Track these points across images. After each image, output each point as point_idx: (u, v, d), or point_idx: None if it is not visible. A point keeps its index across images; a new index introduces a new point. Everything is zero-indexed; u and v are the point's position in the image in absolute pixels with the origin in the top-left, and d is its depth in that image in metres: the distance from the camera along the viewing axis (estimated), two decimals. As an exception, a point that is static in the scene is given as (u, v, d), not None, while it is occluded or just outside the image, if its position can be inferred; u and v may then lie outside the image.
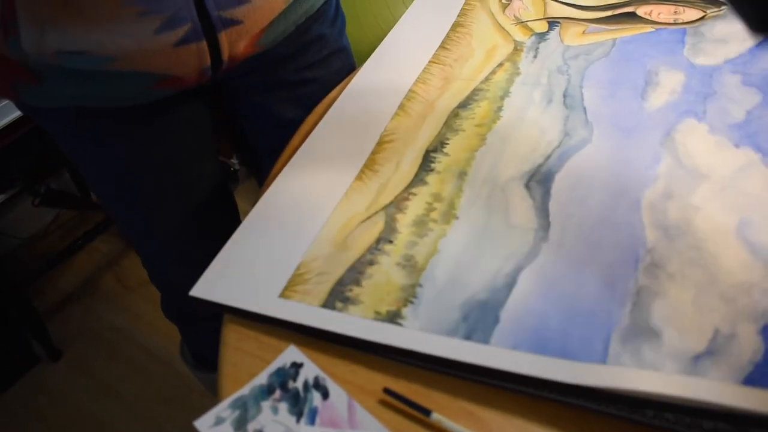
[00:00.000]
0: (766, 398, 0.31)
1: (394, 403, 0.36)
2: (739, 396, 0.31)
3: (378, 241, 0.43)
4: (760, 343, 0.33)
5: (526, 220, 0.42)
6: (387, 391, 0.36)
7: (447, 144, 0.50)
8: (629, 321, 0.36)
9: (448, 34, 0.63)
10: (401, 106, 0.54)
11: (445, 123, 0.52)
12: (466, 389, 0.36)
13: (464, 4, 0.67)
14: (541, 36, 0.60)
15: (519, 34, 0.61)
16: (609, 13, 0.62)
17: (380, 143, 0.51)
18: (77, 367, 1.19)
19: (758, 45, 0.53)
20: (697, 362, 0.33)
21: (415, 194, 0.46)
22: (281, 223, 0.46)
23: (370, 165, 0.49)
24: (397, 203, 0.46)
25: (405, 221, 0.44)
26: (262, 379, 0.38)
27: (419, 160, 0.49)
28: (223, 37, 0.51)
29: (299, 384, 0.37)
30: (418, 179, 0.47)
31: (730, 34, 0.55)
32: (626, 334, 0.35)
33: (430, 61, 0.59)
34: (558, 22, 0.62)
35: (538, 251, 0.40)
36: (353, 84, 0.58)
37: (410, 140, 0.51)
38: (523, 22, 0.63)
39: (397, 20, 0.67)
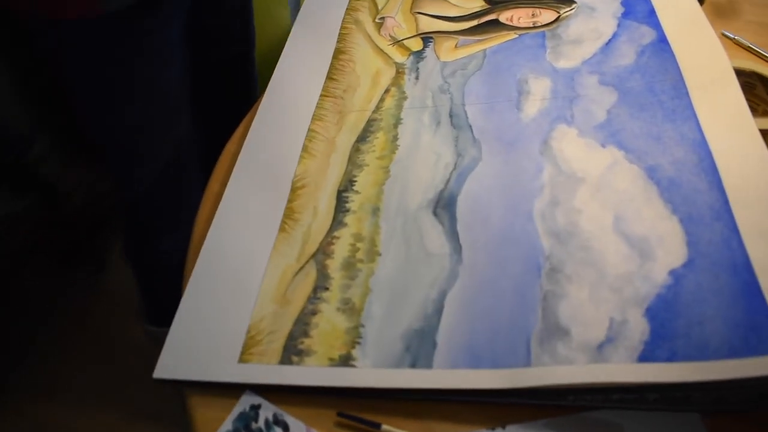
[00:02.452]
0: (657, 371, 0.39)
1: (349, 423, 0.41)
2: (636, 373, 0.39)
3: (315, 290, 0.47)
4: (646, 324, 0.41)
5: (440, 247, 0.48)
6: (341, 414, 0.41)
7: (355, 182, 0.54)
8: (542, 325, 0.42)
9: (332, 62, 0.67)
10: (305, 148, 0.58)
11: (349, 160, 0.56)
12: (412, 403, 0.42)
13: (341, 28, 0.71)
14: (419, 54, 0.65)
15: (398, 56, 0.66)
16: (474, 22, 0.68)
17: (293, 190, 0.55)
18: None
19: (607, 42, 0.60)
20: (601, 350, 0.40)
21: (338, 237, 0.50)
22: (221, 287, 0.49)
23: (289, 215, 0.53)
24: (324, 249, 0.50)
25: (335, 266, 0.49)
26: (227, 425, 0.42)
27: (334, 202, 0.53)
28: None
29: (261, 424, 0.42)
30: (337, 222, 0.51)
31: (584, 33, 0.62)
32: (542, 337, 0.42)
33: (321, 95, 0.63)
34: (431, 38, 0.67)
35: (456, 274, 0.46)
36: (254, 129, 0.61)
37: (321, 182, 0.55)
38: (398, 41, 0.68)
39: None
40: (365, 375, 0.42)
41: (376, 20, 0.71)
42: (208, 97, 0.91)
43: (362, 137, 0.58)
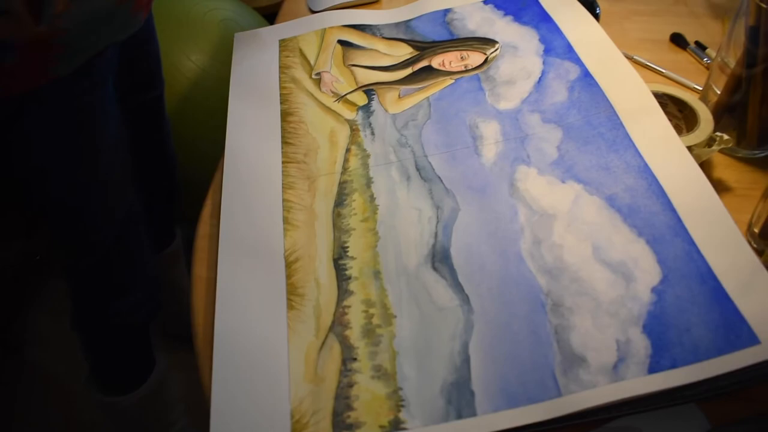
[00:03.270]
0: (665, 378, 0.46)
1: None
2: (650, 384, 0.46)
3: (344, 362, 0.50)
4: (646, 340, 0.48)
5: (449, 300, 0.52)
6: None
7: (347, 248, 0.57)
8: (561, 356, 0.48)
9: (282, 126, 0.68)
10: (285, 220, 0.60)
11: (335, 226, 0.59)
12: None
13: (281, 88, 0.72)
14: (366, 109, 0.69)
15: (346, 112, 0.69)
16: (408, 70, 0.72)
17: (288, 265, 0.56)
18: None
19: (539, 81, 0.67)
20: (617, 370, 0.47)
21: (349, 306, 0.53)
22: (249, 379, 0.50)
23: (292, 291, 0.55)
24: (339, 320, 0.52)
25: (355, 335, 0.51)
26: None
27: (333, 271, 0.56)
28: None
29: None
30: (343, 291, 0.54)
31: (514, 73, 0.69)
32: (564, 367, 0.47)
33: (283, 162, 0.65)
34: (373, 90, 0.71)
35: (471, 324, 0.51)
36: (226, 207, 0.61)
37: (313, 253, 0.57)
38: (342, 97, 0.71)
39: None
40: (419, 436, 0.46)
41: (313, 76, 0.73)
42: (135, 143, 0.92)
43: (339, 201, 0.61)
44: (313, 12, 0.86)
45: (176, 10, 1.01)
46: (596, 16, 0.80)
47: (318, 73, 0.74)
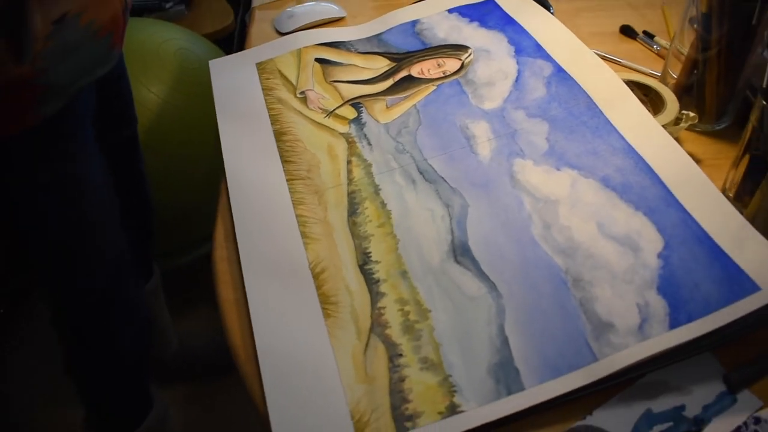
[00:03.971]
0: (685, 332, 0.51)
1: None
2: (674, 338, 0.51)
3: (390, 359, 0.53)
4: (663, 300, 0.53)
5: (477, 289, 0.56)
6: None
7: (370, 253, 0.60)
8: (590, 325, 0.52)
9: (278, 145, 0.70)
10: (303, 235, 0.62)
11: (353, 234, 0.61)
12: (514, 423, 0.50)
13: (268, 110, 0.74)
14: (358, 121, 0.72)
15: (339, 126, 0.72)
16: (390, 81, 0.76)
17: (316, 277, 0.59)
18: None
19: (516, 80, 0.72)
20: (642, 330, 0.52)
21: (384, 307, 0.56)
22: (302, 390, 0.52)
23: (325, 300, 0.57)
24: (377, 321, 0.55)
25: (396, 333, 0.54)
26: None
27: (361, 277, 0.58)
28: None
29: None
30: (375, 293, 0.57)
31: (492, 75, 0.74)
32: (595, 335, 0.52)
33: (287, 180, 0.67)
34: (360, 103, 0.74)
35: (503, 308, 0.54)
36: (242, 231, 0.62)
37: (338, 262, 0.59)
38: (332, 112, 0.73)
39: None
40: (478, 414, 0.49)
41: (298, 95, 0.76)
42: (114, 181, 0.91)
43: (352, 211, 0.63)
44: (282, 34, 0.88)
45: (131, 42, 1.00)
46: (549, 16, 0.86)
47: (302, 92, 0.76)
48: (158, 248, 1.09)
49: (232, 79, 0.79)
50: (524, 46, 0.76)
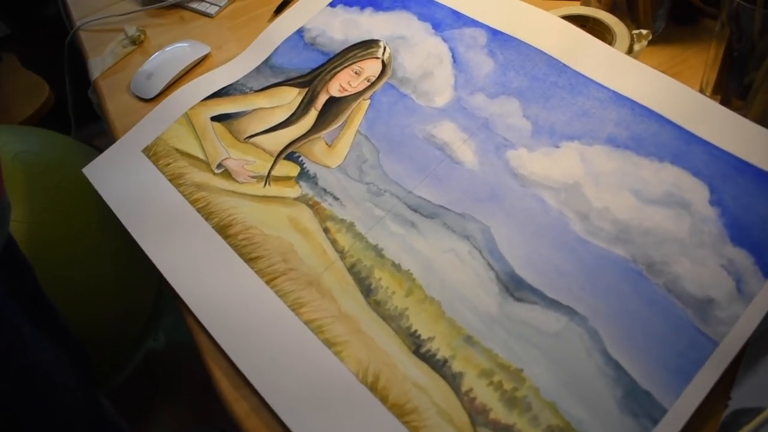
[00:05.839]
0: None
1: None
2: (775, 287, 0.47)
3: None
4: (742, 250, 0.48)
5: (556, 321, 0.48)
6: None
7: (417, 332, 0.50)
8: (690, 309, 0.47)
9: (230, 244, 0.57)
10: (328, 344, 0.50)
11: (384, 318, 0.51)
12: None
13: (191, 204, 0.60)
14: (306, 176, 0.60)
15: (288, 191, 0.59)
16: (313, 112, 0.64)
17: (373, 390, 0.48)
18: None
19: (454, 60, 0.63)
20: (741, 291, 0.47)
21: (471, 389, 0.47)
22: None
23: (400, 413, 0.47)
24: (473, 410, 0.46)
25: (503, 413, 0.46)
26: None
27: (424, 365, 0.48)
28: None
29: None
30: (451, 378, 0.47)
31: (425, 64, 0.63)
32: (701, 317, 0.46)
33: (266, 282, 0.54)
34: (295, 152, 0.61)
35: (593, 330, 0.47)
36: (249, 370, 0.50)
37: (388, 360, 0.49)
38: (268, 177, 0.60)
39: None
40: (642, 468, 0.43)
41: (215, 171, 0.62)
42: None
43: (366, 290, 0.52)
44: (148, 101, 0.71)
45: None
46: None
47: (219, 165, 0.62)
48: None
49: (123, 182, 0.63)
50: (439, 18, 0.66)
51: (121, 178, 0.63)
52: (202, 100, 0.67)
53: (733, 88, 0.58)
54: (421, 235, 0.54)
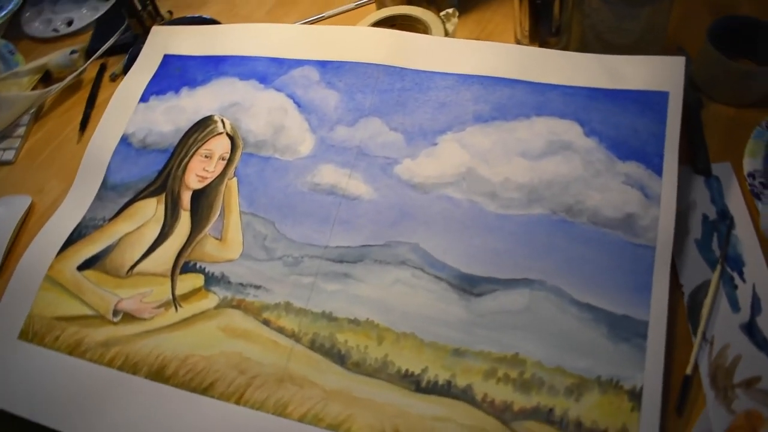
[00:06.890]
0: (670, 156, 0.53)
1: None
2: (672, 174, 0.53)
3: (549, 422, 0.46)
4: (634, 162, 0.54)
5: (520, 297, 0.50)
6: None
7: (408, 371, 0.49)
8: (622, 231, 0.51)
9: (174, 386, 0.51)
10: (332, 428, 0.48)
11: (372, 376, 0.49)
12: None
13: (113, 366, 0.53)
14: (214, 280, 0.55)
15: (204, 303, 0.55)
16: (184, 215, 0.59)
17: (395, 444, 0.47)
18: None
19: (299, 106, 0.61)
20: (648, 196, 0.52)
21: (485, 393, 0.47)
22: None
23: (433, 451, 0.46)
24: (497, 411, 0.47)
25: (522, 399, 0.47)
26: None
27: (432, 396, 0.48)
28: None
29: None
30: (466, 394, 0.48)
31: (270, 121, 0.61)
32: (634, 232, 0.51)
33: (235, 403, 0.50)
34: (190, 262, 0.57)
35: (555, 287, 0.50)
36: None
37: (397, 410, 0.48)
38: (176, 300, 0.55)
39: None
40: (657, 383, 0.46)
41: (115, 321, 0.55)
42: None
43: (340, 357, 0.50)
44: (-12, 282, 0.61)
45: None
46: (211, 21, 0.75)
47: (115, 312, 0.55)
48: None
49: (14, 382, 0.53)
50: (262, 71, 0.64)
51: (8, 378, 0.54)
52: (57, 255, 0.59)
53: (544, 32, 0.64)
54: (360, 281, 0.53)
